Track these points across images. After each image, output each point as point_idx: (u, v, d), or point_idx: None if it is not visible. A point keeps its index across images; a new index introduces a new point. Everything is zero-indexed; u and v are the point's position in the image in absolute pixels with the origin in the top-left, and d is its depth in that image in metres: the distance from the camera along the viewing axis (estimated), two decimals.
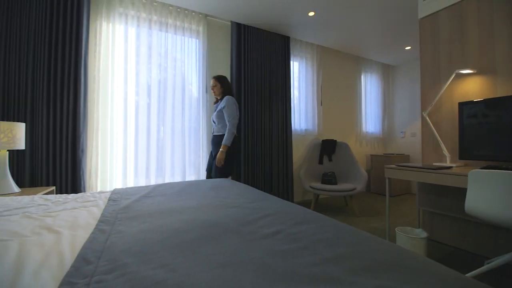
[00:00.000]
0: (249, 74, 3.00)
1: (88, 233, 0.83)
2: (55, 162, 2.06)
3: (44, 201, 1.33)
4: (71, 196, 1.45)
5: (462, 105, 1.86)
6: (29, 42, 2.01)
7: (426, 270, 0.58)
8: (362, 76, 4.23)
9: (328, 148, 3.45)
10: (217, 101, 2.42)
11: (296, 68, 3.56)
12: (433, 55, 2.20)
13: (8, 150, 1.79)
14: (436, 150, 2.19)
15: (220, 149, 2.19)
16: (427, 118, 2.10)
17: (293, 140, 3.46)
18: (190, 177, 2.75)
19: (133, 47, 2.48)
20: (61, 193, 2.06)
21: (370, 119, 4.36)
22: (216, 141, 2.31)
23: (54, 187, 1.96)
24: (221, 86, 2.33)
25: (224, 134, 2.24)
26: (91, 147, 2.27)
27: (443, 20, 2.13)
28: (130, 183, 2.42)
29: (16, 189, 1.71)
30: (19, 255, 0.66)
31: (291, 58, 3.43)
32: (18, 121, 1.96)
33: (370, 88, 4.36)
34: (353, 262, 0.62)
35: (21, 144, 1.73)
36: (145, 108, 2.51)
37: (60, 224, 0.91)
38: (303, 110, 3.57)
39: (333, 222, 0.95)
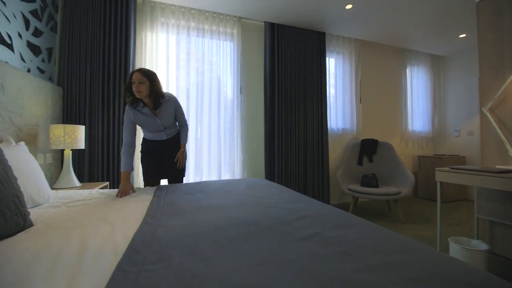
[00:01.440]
0: (282, 73, 2.98)
1: (137, 225, 0.90)
2: (109, 160, 2.30)
3: (100, 194, 1.50)
4: None
5: None
6: (86, 55, 2.28)
7: (488, 286, 0.51)
8: (407, 70, 3.88)
9: (368, 148, 3.24)
10: (134, 102, 1.66)
11: (332, 64, 3.42)
12: (494, 43, 1.91)
13: (71, 150, 2.06)
14: (499, 150, 1.89)
15: (182, 149, 1.91)
16: (488, 114, 1.83)
17: (329, 139, 3.33)
18: (225, 176, 2.83)
19: (174, 54, 2.65)
20: (113, 188, 2.29)
21: (417, 116, 3.97)
22: (171, 142, 1.90)
23: (108, 183, 2.19)
24: (151, 85, 1.62)
25: (176, 134, 1.93)
26: (138, 148, 2.48)
27: (506, 2, 1.84)
28: None
29: (77, 183, 1.95)
30: (81, 242, 0.75)
31: (327, 55, 3.31)
32: (78, 124, 2.25)
33: (416, 82, 3.97)
34: (401, 272, 0.57)
35: (81, 144, 1.97)
36: (184, 110, 2.65)
37: (114, 215, 1.01)
38: (340, 109, 3.41)
39: (376, 227, 0.89)
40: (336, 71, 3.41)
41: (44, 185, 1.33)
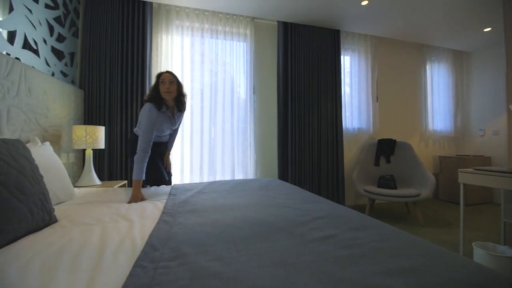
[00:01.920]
0: (296, 72, 2.95)
1: (154, 223, 0.93)
2: (127, 159, 2.38)
3: (118, 192, 1.55)
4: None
5: None
6: (106, 58, 2.38)
7: None
8: (427, 66, 3.72)
9: (385, 148, 3.14)
10: (159, 103, 1.62)
11: (347, 62, 3.35)
12: None
13: (92, 149, 2.15)
14: None
15: (168, 154, 2.00)
16: None
17: (344, 139, 3.26)
18: (239, 175, 2.84)
19: (188, 55, 2.70)
20: (130, 187, 2.37)
21: (438, 115, 3.80)
22: (165, 144, 1.96)
23: (126, 181, 2.27)
24: (178, 87, 1.67)
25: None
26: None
27: None
28: (186, 180, 2.63)
29: (98, 181, 2.04)
30: (102, 238, 0.79)
31: (342, 53, 3.24)
32: (99, 125, 2.34)
33: (437, 79, 3.80)
34: (422, 278, 0.55)
35: (102, 144, 2.05)
36: (198, 111, 2.70)
37: (132, 213, 1.05)
38: (355, 108, 3.33)
39: (394, 230, 0.86)
40: (352, 69, 3.34)
41: (68, 183, 1.40)
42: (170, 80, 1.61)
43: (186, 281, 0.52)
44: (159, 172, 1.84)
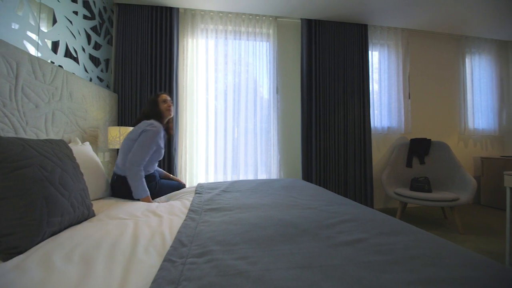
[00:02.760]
0: (320, 70, 2.87)
1: (181, 220, 0.96)
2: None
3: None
4: None
5: None
6: (136, 63, 2.52)
7: None
8: (466, 59, 3.40)
9: (419, 148, 2.93)
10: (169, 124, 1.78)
11: (376, 58, 3.18)
12: None
13: None
14: None
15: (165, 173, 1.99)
16: None
17: (373, 139, 3.10)
18: (262, 175, 2.84)
19: (212, 57, 2.77)
20: None
21: (480, 112, 3.46)
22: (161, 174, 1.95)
23: None
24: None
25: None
26: (181, 147, 2.66)
27: None
28: (211, 178, 2.70)
29: None
30: (134, 232, 0.83)
31: (370, 48, 3.09)
32: (131, 125, 2.49)
33: (478, 73, 3.46)
34: None
35: None
36: (222, 111, 2.76)
37: (161, 209, 1.10)
38: (385, 106, 3.15)
39: (431, 236, 0.80)
40: (380, 65, 3.17)
41: (104, 180, 1.51)
42: (171, 101, 1.73)
43: (213, 277, 0.53)
44: (176, 186, 1.83)
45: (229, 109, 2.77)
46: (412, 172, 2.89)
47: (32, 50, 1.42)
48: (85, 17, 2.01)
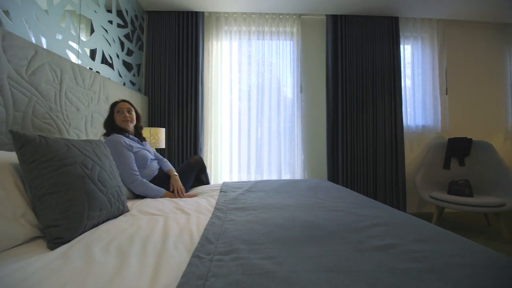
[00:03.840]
0: (347, 67, 2.77)
1: (207, 217, 0.99)
2: (183, 157, 2.61)
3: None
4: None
5: None
6: (165, 67, 2.65)
7: None
8: None
9: (458, 148, 2.69)
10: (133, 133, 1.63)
11: (408, 52, 2.99)
12: None
13: (155, 148, 2.42)
14: None
15: (172, 173, 1.66)
16: None
17: (405, 138, 2.91)
18: (285, 175, 2.82)
19: (236, 59, 2.81)
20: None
21: None
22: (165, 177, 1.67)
23: None
24: (137, 114, 1.64)
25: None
26: (206, 146, 2.74)
27: None
28: (235, 177, 2.74)
29: None
30: (164, 227, 0.87)
31: (401, 42, 2.91)
32: (160, 127, 2.62)
33: None
34: None
35: (163, 144, 2.29)
36: (246, 111, 2.78)
37: (189, 207, 1.14)
38: (419, 102, 2.94)
39: (472, 245, 0.73)
40: (414, 59, 2.97)
41: None
42: (127, 109, 1.54)
43: (239, 276, 0.53)
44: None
45: (252, 109, 2.78)
46: (450, 175, 2.66)
47: (73, 58, 1.55)
48: (119, 25, 2.16)
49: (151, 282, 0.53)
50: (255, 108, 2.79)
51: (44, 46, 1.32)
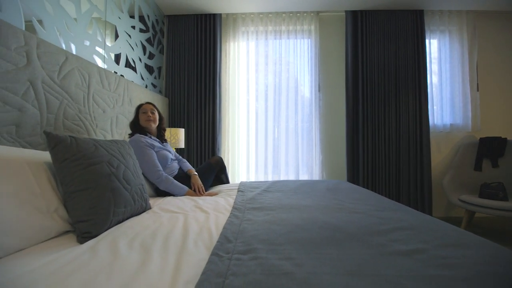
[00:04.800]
0: (367, 64, 2.67)
1: (226, 216, 1.00)
2: (202, 157, 2.66)
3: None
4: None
5: None
6: (184, 69, 2.72)
7: None
8: None
9: (491, 149, 2.50)
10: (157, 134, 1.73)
11: (435, 47, 2.82)
12: None
13: (175, 148, 2.49)
14: None
15: (191, 172, 1.72)
16: None
17: (432, 138, 2.74)
18: (303, 176, 2.78)
19: (253, 59, 2.82)
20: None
21: None
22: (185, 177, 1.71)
23: None
24: (159, 115, 1.73)
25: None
26: (224, 146, 2.77)
27: None
28: (252, 177, 2.75)
29: None
30: (185, 225, 0.89)
31: (427, 36, 2.75)
32: (179, 127, 2.69)
33: None
34: None
35: (182, 144, 2.35)
36: (263, 111, 2.78)
37: (208, 206, 1.16)
38: (446, 100, 2.77)
39: (508, 253, 0.67)
40: (441, 54, 2.80)
41: None
42: (151, 110, 1.63)
43: (258, 275, 0.53)
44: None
45: (269, 109, 2.78)
46: (482, 177, 2.48)
47: (99, 63, 1.64)
48: (141, 30, 2.25)
49: (172, 278, 0.54)
50: (272, 108, 2.78)
51: (74, 52, 1.40)
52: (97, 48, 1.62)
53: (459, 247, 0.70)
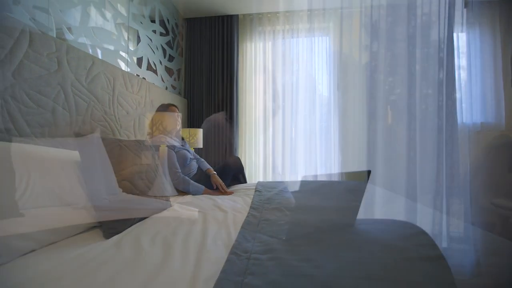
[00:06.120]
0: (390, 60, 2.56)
1: (243, 216, 1.00)
2: (219, 157, 2.70)
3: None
4: None
5: None
6: (202, 70, 2.77)
7: None
8: None
9: None
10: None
11: (463, 41, 2.64)
12: None
13: (193, 148, 2.54)
14: None
15: (210, 172, 1.76)
16: None
17: (460, 137, 2.57)
18: (321, 177, 2.72)
19: (270, 59, 2.80)
20: None
21: None
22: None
23: None
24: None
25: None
26: (241, 146, 2.79)
27: None
28: (269, 177, 2.74)
29: None
30: (204, 223, 0.91)
31: (454, 29, 2.58)
32: (198, 127, 2.75)
33: None
34: None
35: (200, 144, 2.40)
36: (280, 111, 2.76)
37: (226, 205, 1.17)
38: (476, 97, 2.58)
39: None
40: (470, 48, 2.62)
41: None
42: (178, 114, 1.63)
43: (277, 276, 0.53)
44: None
45: (287, 108, 2.75)
46: None
47: (123, 66, 1.72)
48: (161, 34, 2.32)
49: (193, 275, 0.56)
50: (289, 108, 2.75)
51: (100, 56, 1.48)
52: (121, 53, 1.70)
53: (499, 254, 0.65)
